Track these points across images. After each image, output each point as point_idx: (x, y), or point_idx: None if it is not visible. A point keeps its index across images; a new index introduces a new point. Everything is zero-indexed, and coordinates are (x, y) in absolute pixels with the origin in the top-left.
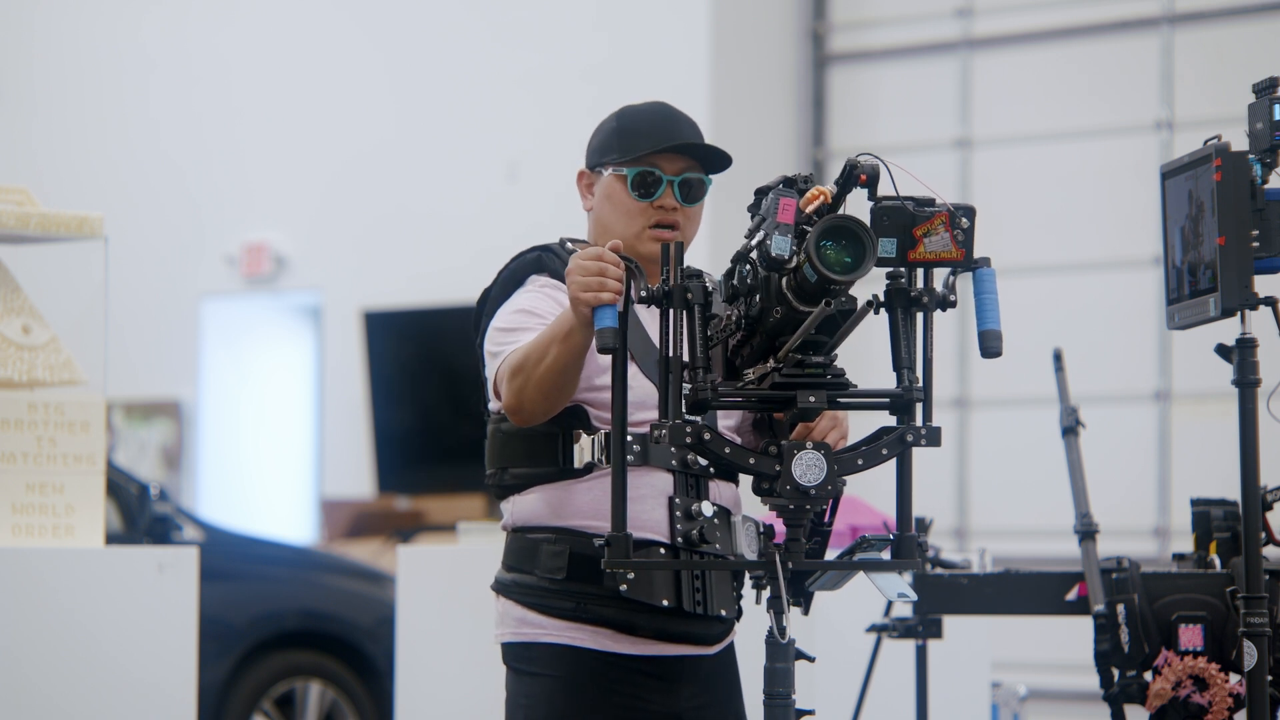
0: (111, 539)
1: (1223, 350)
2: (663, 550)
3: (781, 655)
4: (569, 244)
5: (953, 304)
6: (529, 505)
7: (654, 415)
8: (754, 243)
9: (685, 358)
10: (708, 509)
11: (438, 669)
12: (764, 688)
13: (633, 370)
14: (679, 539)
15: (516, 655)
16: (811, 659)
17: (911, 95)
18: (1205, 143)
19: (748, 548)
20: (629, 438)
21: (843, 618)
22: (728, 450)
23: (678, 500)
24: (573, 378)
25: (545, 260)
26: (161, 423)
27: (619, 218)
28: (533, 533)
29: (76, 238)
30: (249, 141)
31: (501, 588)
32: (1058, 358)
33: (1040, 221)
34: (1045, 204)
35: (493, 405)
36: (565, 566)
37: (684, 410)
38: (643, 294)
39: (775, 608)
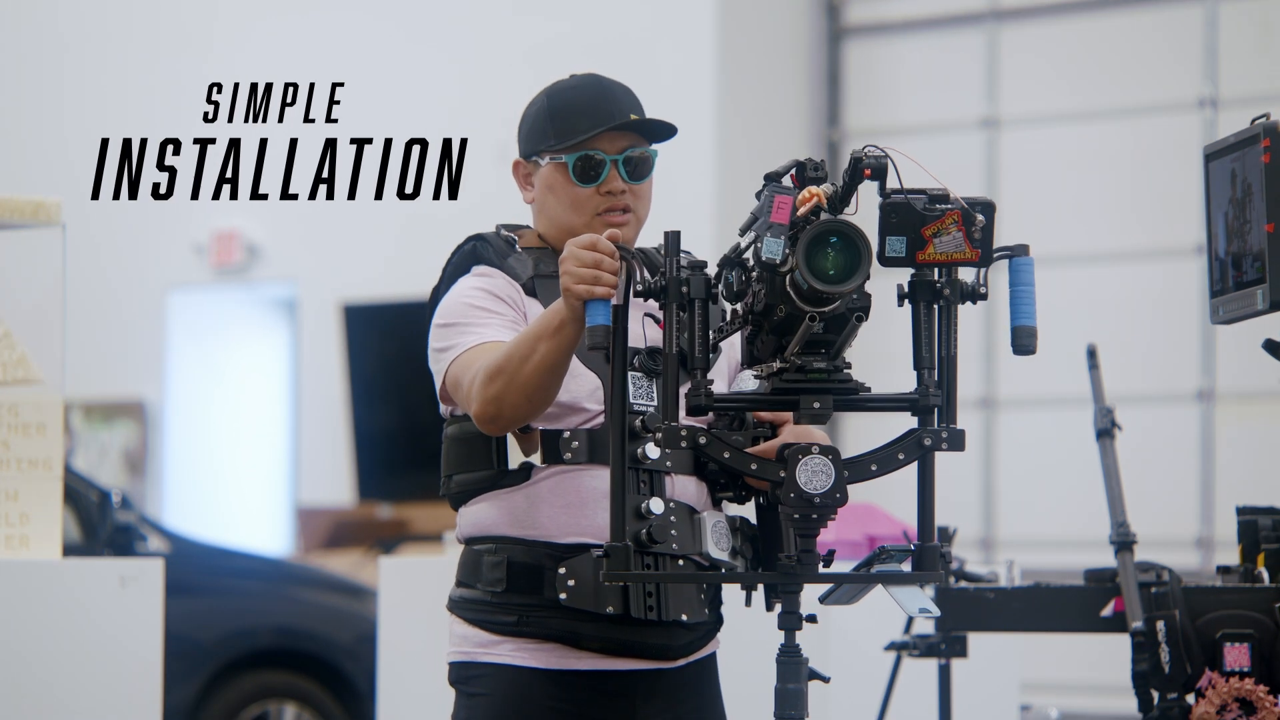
0: (70, 550)
1: (1271, 346)
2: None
3: (794, 675)
4: (503, 231)
5: (983, 296)
6: (472, 515)
7: (598, 409)
8: (745, 244)
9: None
10: (657, 506)
11: (422, 690)
12: (775, 711)
13: (581, 364)
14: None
15: (459, 675)
16: (826, 679)
17: (934, 71)
18: (1252, 121)
19: (715, 545)
20: (565, 434)
21: (860, 635)
22: (727, 455)
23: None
24: (560, 376)
25: (480, 250)
26: (124, 424)
27: (564, 208)
28: (477, 544)
29: (32, 225)
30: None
31: (451, 604)
32: (1092, 354)
33: (1072, 207)
34: (1078, 188)
35: (443, 409)
36: (504, 578)
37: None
38: (639, 287)
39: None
